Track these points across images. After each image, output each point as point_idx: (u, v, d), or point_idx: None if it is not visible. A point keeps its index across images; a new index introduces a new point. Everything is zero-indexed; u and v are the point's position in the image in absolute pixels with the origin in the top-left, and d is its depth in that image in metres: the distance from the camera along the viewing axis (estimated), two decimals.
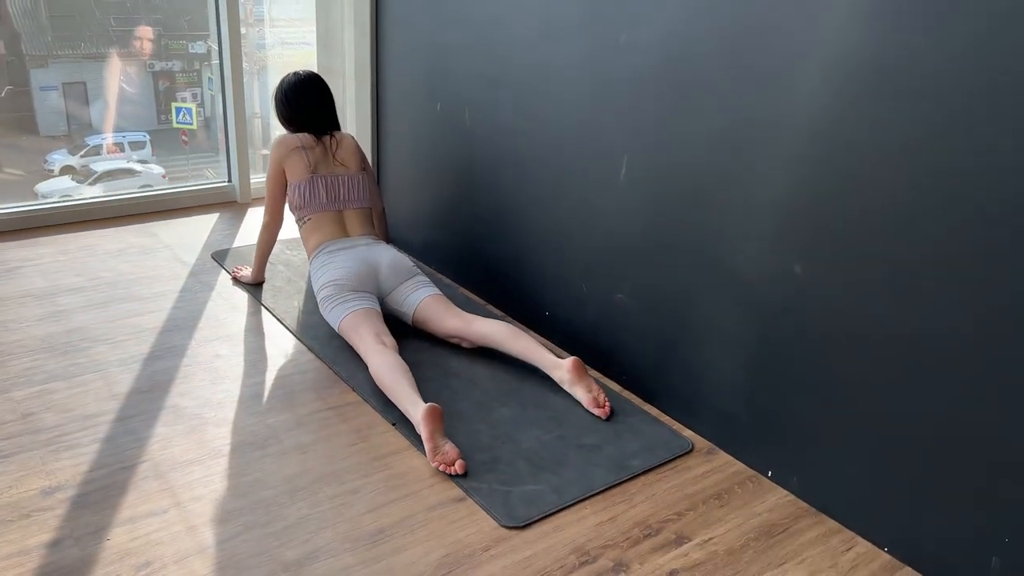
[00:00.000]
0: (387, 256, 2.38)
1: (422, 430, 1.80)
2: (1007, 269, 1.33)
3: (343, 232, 2.42)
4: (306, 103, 2.49)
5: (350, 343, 2.18)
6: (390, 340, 2.11)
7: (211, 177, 3.64)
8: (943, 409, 1.47)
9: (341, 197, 2.44)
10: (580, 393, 2.03)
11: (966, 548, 1.48)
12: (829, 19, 1.51)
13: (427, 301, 2.30)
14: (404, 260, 2.40)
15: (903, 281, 1.48)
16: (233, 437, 1.85)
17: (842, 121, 1.52)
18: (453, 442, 1.82)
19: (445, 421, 1.90)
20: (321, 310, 2.30)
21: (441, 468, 1.77)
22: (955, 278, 1.40)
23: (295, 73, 2.52)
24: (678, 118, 1.86)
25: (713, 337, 1.89)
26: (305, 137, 2.45)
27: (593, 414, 2.01)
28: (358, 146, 2.55)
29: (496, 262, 2.58)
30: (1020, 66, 1.26)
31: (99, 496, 1.63)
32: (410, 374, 1.99)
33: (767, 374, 1.78)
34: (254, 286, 2.61)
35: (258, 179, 3.48)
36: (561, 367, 2.05)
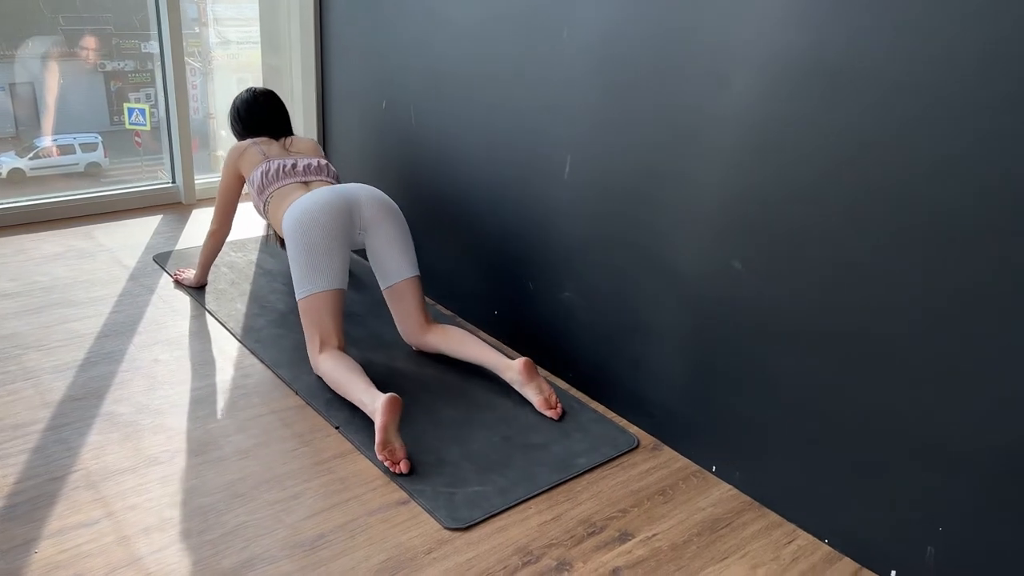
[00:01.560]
0: (365, 190, 2.20)
1: (378, 419, 1.77)
2: (941, 265, 1.35)
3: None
4: (259, 116, 2.53)
5: (302, 322, 2.10)
6: (339, 339, 2.07)
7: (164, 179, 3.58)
8: (878, 403, 1.48)
9: (304, 171, 2.39)
10: (531, 394, 2.02)
11: (903, 538, 1.49)
12: (764, 18, 1.52)
13: (404, 285, 2.18)
14: (385, 196, 2.24)
15: (839, 278, 1.50)
16: (170, 444, 1.80)
17: (777, 119, 1.53)
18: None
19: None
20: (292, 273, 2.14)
21: (387, 464, 1.75)
22: (889, 275, 1.42)
23: (249, 90, 2.58)
24: (618, 117, 1.85)
25: (656, 334, 1.89)
26: (260, 139, 2.49)
27: (544, 415, 1.99)
28: (318, 145, 2.58)
29: (443, 261, 2.56)
30: (958, 57, 1.28)
31: (27, 508, 1.57)
32: (362, 370, 1.97)
33: (709, 370, 1.79)
34: (196, 289, 2.56)
35: (203, 180, 3.41)
36: (512, 368, 2.04)
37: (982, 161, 1.26)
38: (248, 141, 2.47)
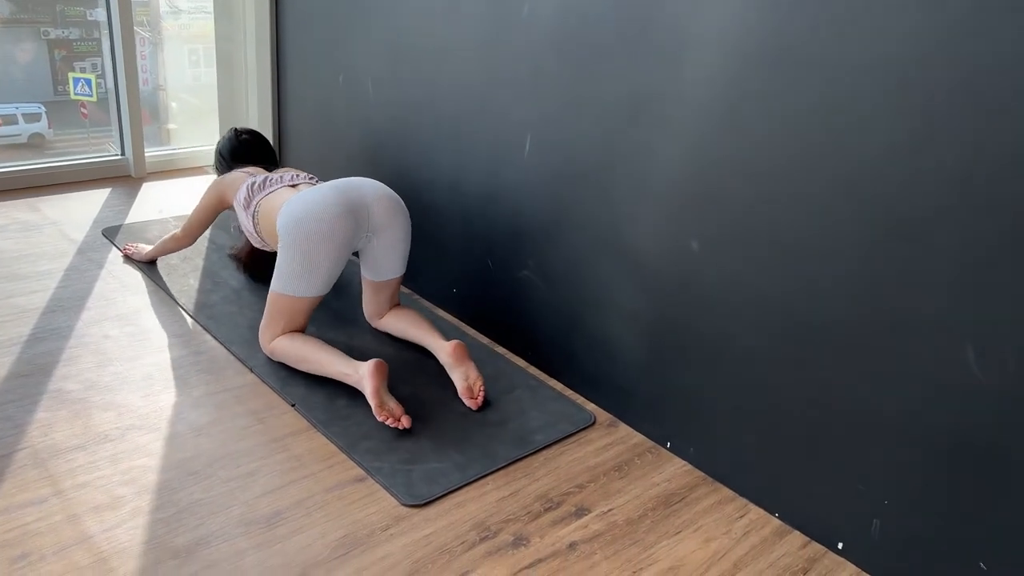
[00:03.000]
0: (373, 188, 2.03)
1: (368, 385, 1.80)
2: (898, 250, 1.38)
3: None
4: (242, 153, 2.48)
5: (266, 308, 2.02)
6: (303, 330, 2.05)
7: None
8: (828, 380, 1.52)
9: (292, 179, 2.22)
10: (457, 378, 1.96)
11: (849, 512, 1.54)
12: None
13: (391, 281, 2.14)
14: (395, 195, 2.07)
15: (793, 260, 1.52)
16: (121, 421, 1.77)
17: (737, 96, 1.55)
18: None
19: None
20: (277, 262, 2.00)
21: (389, 423, 1.78)
22: (845, 257, 1.45)
23: (231, 130, 2.53)
24: (579, 95, 1.85)
25: (613, 312, 1.91)
26: (247, 167, 2.39)
27: (464, 403, 1.94)
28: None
29: None
30: (923, 37, 1.30)
31: None
32: (326, 344, 1.97)
33: (664, 348, 1.81)
34: (148, 264, 2.50)
35: (153, 153, 3.33)
36: (444, 350, 2.01)
37: (942, 144, 1.29)
38: (235, 171, 2.35)
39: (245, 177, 2.26)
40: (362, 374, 1.85)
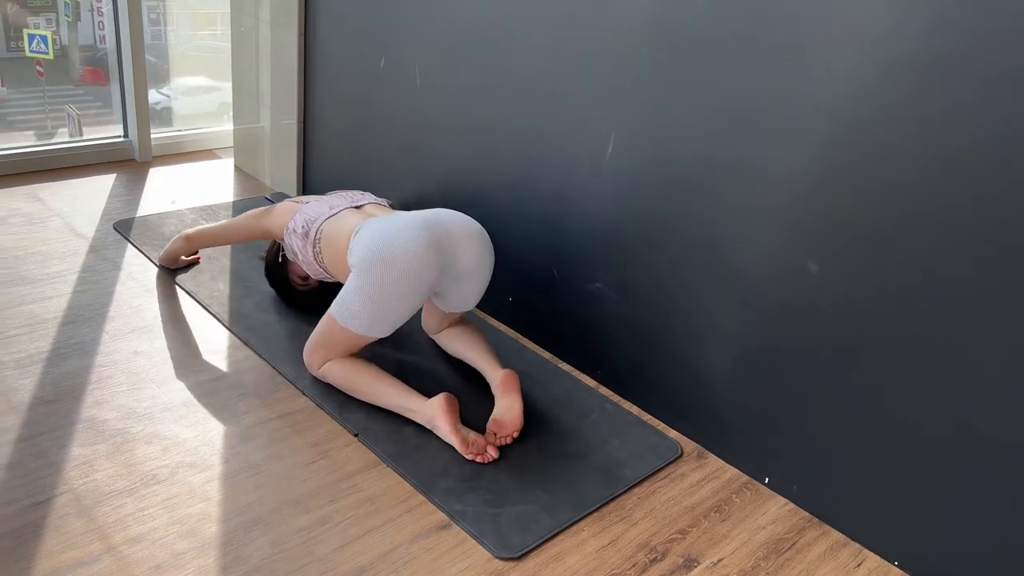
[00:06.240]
0: (465, 228, 1.81)
1: (443, 422, 1.66)
2: None
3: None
4: None
5: (319, 329, 1.80)
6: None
7: (72, 114, 3.21)
8: (954, 416, 1.38)
9: (350, 199, 1.99)
10: (497, 408, 1.77)
11: (982, 561, 1.41)
12: None
13: (463, 312, 1.96)
14: (485, 235, 1.86)
15: (926, 286, 1.37)
16: (168, 457, 1.57)
17: (882, 110, 1.38)
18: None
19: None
20: (345, 284, 1.76)
21: (476, 459, 1.65)
22: (985, 286, 1.30)
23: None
24: (678, 93, 1.67)
25: (705, 334, 1.75)
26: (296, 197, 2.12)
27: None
28: None
29: None
30: None
31: (11, 542, 1.33)
32: (385, 372, 1.80)
33: (766, 376, 1.66)
34: (167, 263, 2.27)
35: (160, 134, 3.07)
36: (496, 377, 1.81)
37: None
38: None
39: (296, 206, 1.99)
40: (433, 413, 1.68)
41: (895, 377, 1.46)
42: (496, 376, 1.82)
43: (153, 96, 4.40)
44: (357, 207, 1.96)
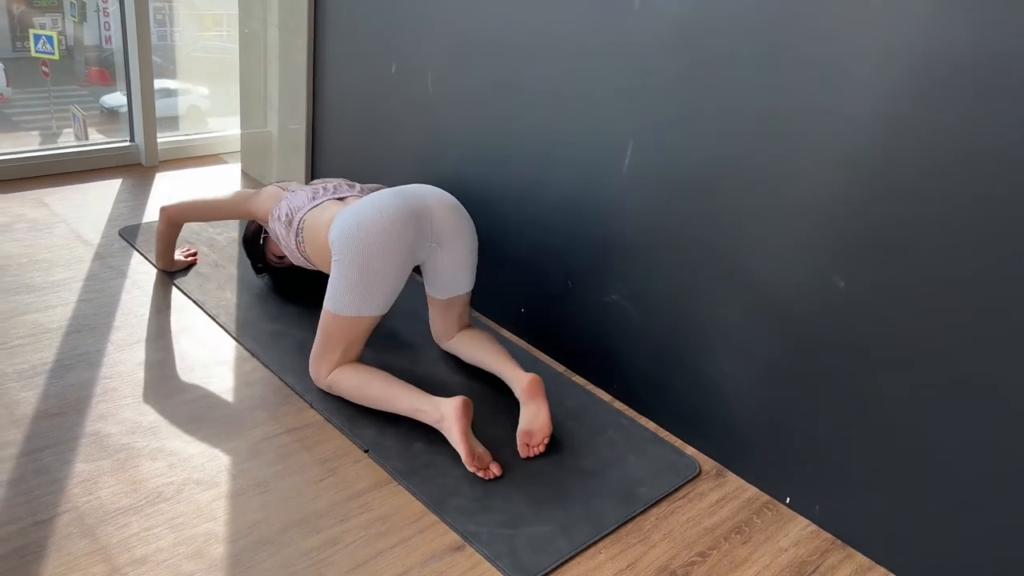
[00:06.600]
0: (435, 195, 1.83)
1: (455, 428, 1.60)
2: None
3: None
4: None
5: (318, 334, 1.78)
6: (358, 356, 1.82)
7: (77, 114, 3.18)
8: (989, 437, 1.33)
9: (336, 189, 1.97)
10: (524, 416, 1.73)
11: None
12: (910, 3, 1.30)
13: (458, 298, 1.92)
14: (458, 203, 1.88)
15: (961, 302, 1.33)
16: (174, 474, 1.53)
17: (911, 120, 1.33)
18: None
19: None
20: (331, 273, 1.76)
21: (479, 474, 1.61)
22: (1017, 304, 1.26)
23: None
24: (698, 103, 1.63)
25: (726, 348, 1.71)
26: (281, 182, 2.13)
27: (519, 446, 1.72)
28: None
29: None
30: None
31: (11, 563, 1.29)
32: (394, 376, 1.76)
33: (788, 393, 1.62)
34: (168, 265, 2.23)
35: (166, 139, 3.04)
36: (521, 382, 1.76)
37: None
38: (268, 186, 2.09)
39: (282, 192, 2.01)
40: (445, 414, 1.63)
41: (926, 394, 1.41)
42: (522, 380, 1.77)
43: (117, 99, 4.35)
44: (340, 199, 1.94)
